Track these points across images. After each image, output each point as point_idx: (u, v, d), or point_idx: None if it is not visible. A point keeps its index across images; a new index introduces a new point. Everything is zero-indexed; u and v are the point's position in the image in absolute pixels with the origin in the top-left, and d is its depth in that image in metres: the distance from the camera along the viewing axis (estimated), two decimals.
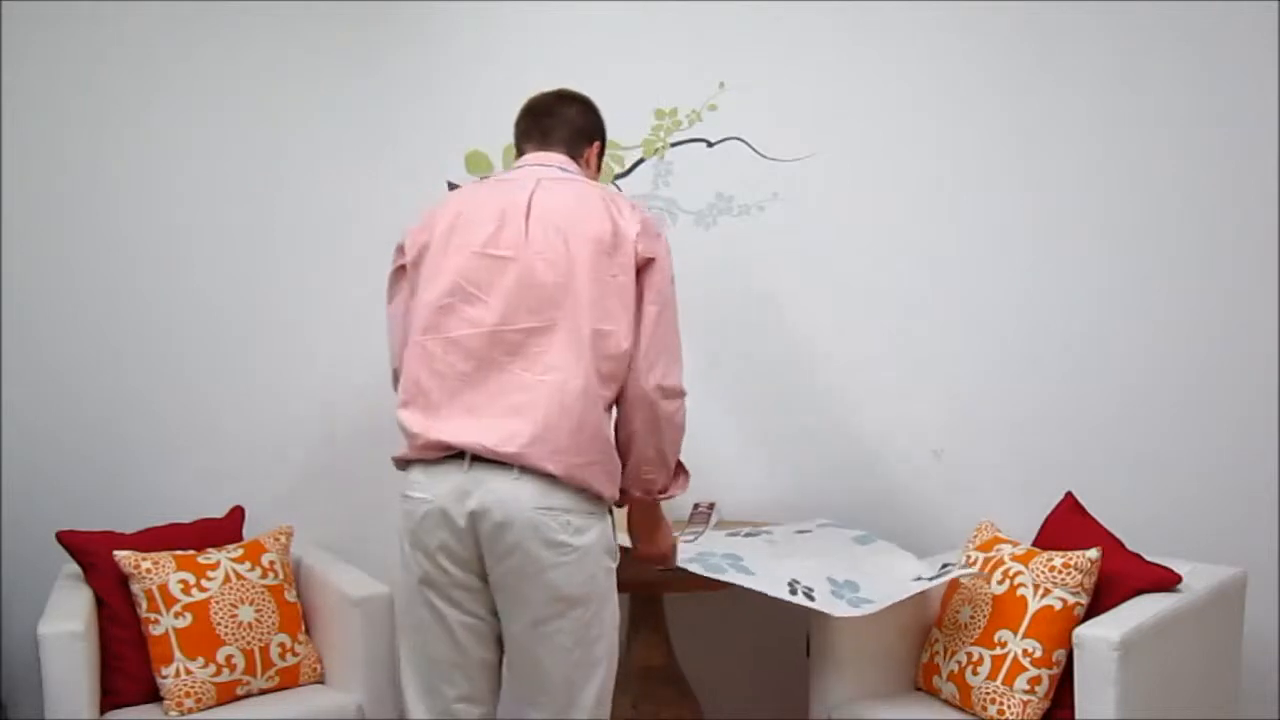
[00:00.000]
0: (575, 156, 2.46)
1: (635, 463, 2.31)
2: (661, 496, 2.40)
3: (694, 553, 2.60)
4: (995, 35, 3.16)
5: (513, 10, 3.31)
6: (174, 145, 3.25)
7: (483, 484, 2.15)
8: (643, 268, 2.26)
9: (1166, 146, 3.08)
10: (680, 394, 2.33)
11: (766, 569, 2.58)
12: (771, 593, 2.52)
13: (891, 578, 2.67)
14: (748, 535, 3.00)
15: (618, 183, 3.31)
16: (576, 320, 2.19)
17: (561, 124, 2.48)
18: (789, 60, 3.25)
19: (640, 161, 3.31)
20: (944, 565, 2.69)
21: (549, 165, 2.40)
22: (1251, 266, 3.04)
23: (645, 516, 2.44)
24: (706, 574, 2.50)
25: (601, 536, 2.22)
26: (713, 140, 3.28)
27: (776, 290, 3.29)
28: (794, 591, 2.52)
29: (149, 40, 3.23)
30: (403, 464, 2.29)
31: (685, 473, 2.44)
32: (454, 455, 2.19)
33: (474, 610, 2.24)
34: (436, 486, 2.19)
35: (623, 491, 2.35)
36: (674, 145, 3.29)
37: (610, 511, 2.29)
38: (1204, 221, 3.07)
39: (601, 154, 2.57)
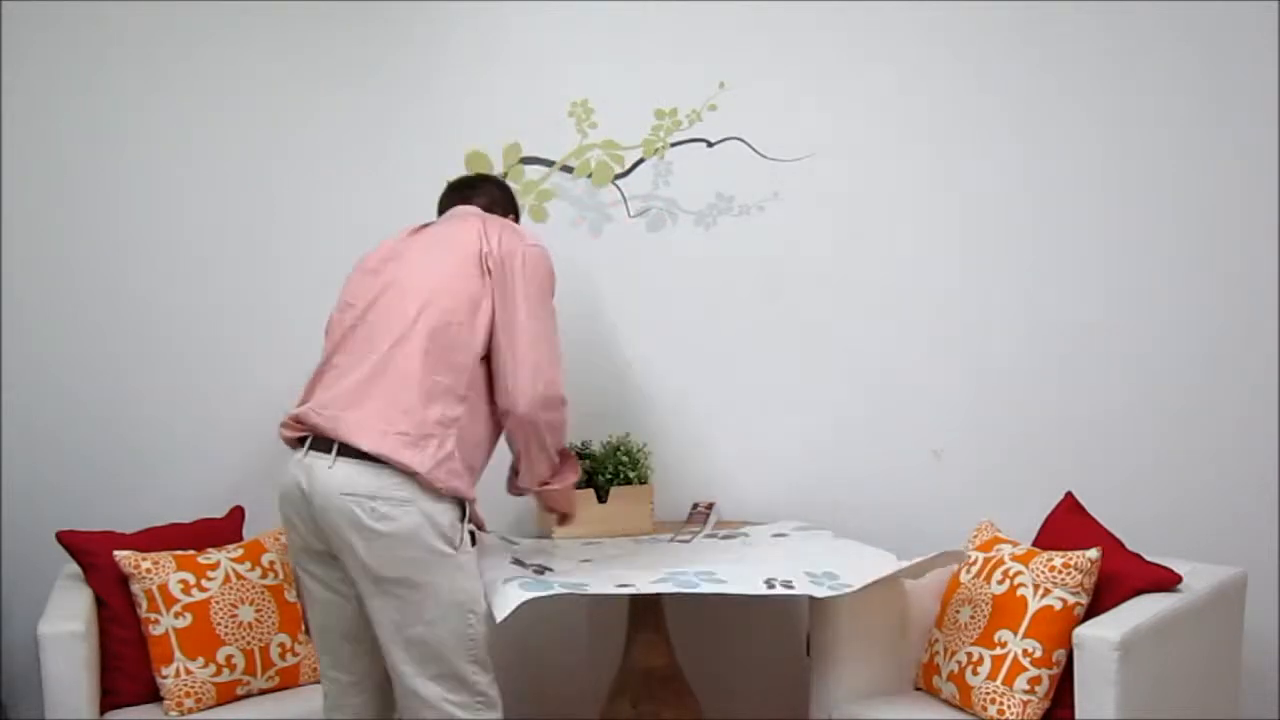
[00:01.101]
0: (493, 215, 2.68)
1: (527, 467, 2.53)
2: (549, 487, 2.59)
3: (665, 572, 2.57)
4: (995, 35, 3.16)
5: (512, 10, 3.31)
6: (174, 146, 3.25)
7: (310, 470, 2.35)
8: (499, 280, 2.43)
9: (1167, 147, 3.08)
10: (562, 402, 2.48)
11: (739, 574, 2.57)
12: (748, 591, 2.50)
13: (867, 563, 2.67)
14: (725, 537, 3.01)
15: (618, 183, 3.31)
16: (427, 313, 2.37)
17: (482, 193, 2.77)
18: (789, 60, 3.26)
19: (640, 161, 3.31)
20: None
21: (456, 214, 2.66)
22: (1252, 267, 3.04)
23: (548, 498, 2.68)
24: (679, 590, 2.48)
25: (420, 523, 2.30)
26: (713, 140, 3.29)
27: (776, 290, 3.29)
28: (772, 586, 2.51)
29: (149, 41, 3.23)
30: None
31: (572, 458, 2.65)
32: (299, 443, 2.41)
33: (331, 585, 2.43)
34: (285, 475, 2.43)
35: (519, 488, 2.61)
36: (674, 145, 3.30)
37: (460, 503, 2.37)
38: (1204, 222, 3.08)
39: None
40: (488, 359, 2.44)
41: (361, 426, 2.31)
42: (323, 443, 2.36)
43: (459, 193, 2.78)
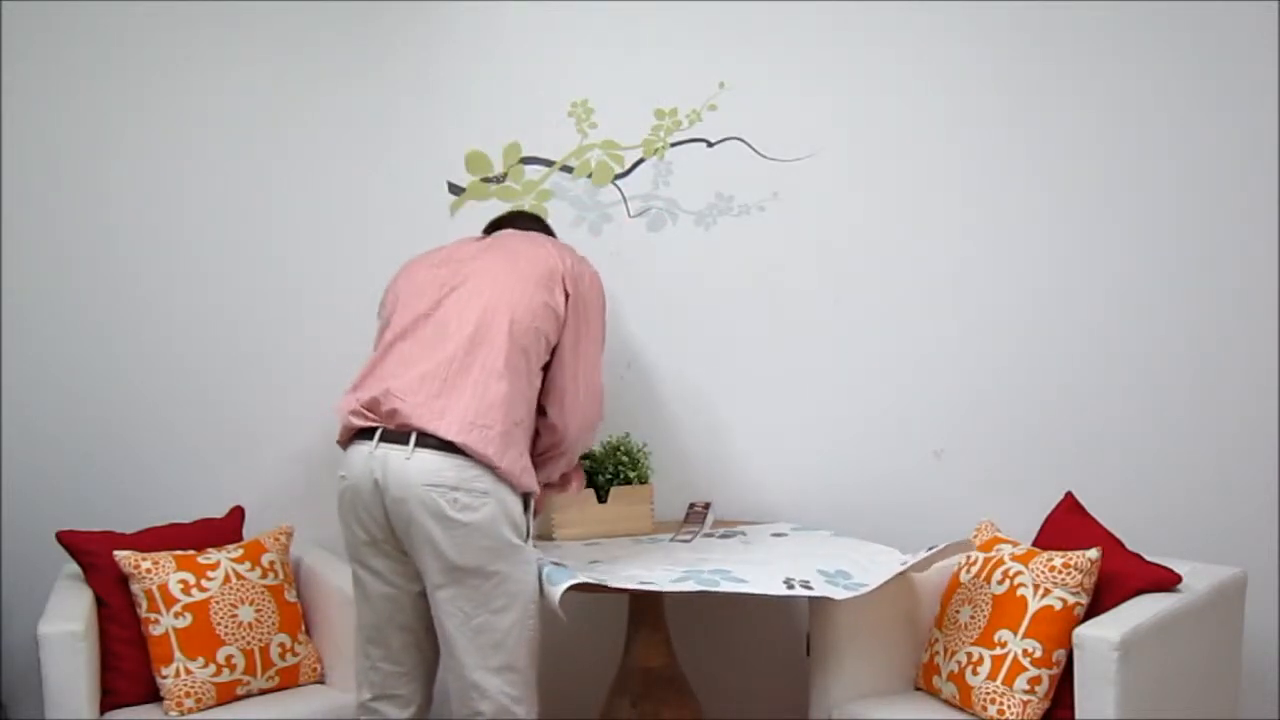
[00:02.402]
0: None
1: (545, 471, 2.66)
2: (552, 489, 2.79)
3: (681, 571, 2.58)
4: (996, 35, 3.16)
5: (512, 10, 3.31)
6: (173, 145, 3.25)
7: (384, 461, 2.40)
8: (574, 301, 2.57)
9: (1167, 148, 3.09)
10: (596, 426, 2.69)
11: (757, 574, 2.58)
12: (770, 592, 2.52)
13: (877, 562, 2.69)
14: (722, 536, 3.01)
15: (618, 183, 3.31)
16: (508, 317, 2.46)
17: (526, 221, 2.90)
18: (789, 60, 3.26)
19: (640, 161, 3.31)
20: (930, 548, 2.68)
21: (524, 233, 2.78)
22: (1252, 267, 3.05)
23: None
24: (701, 588, 2.49)
25: (498, 514, 2.40)
26: (713, 140, 3.28)
27: (776, 290, 3.29)
28: (791, 587, 2.53)
29: (149, 40, 3.23)
30: (342, 445, 2.56)
31: (579, 469, 2.85)
32: (366, 434, 2.46)
33: (392, 580, 2.51)
34: (352, 467, 2.47)
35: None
36: (674, 145, 3.29)
37: (525, 497, 2.49)
38: (1204, 222, 3.08)
39: None
40: (545, 367, 2.56)
41: (447, 416, 2.39)
42: (395, 435, 2.42)
43: (506, 219, 2.91)
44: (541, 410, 2.58)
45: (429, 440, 2.38)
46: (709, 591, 2.50)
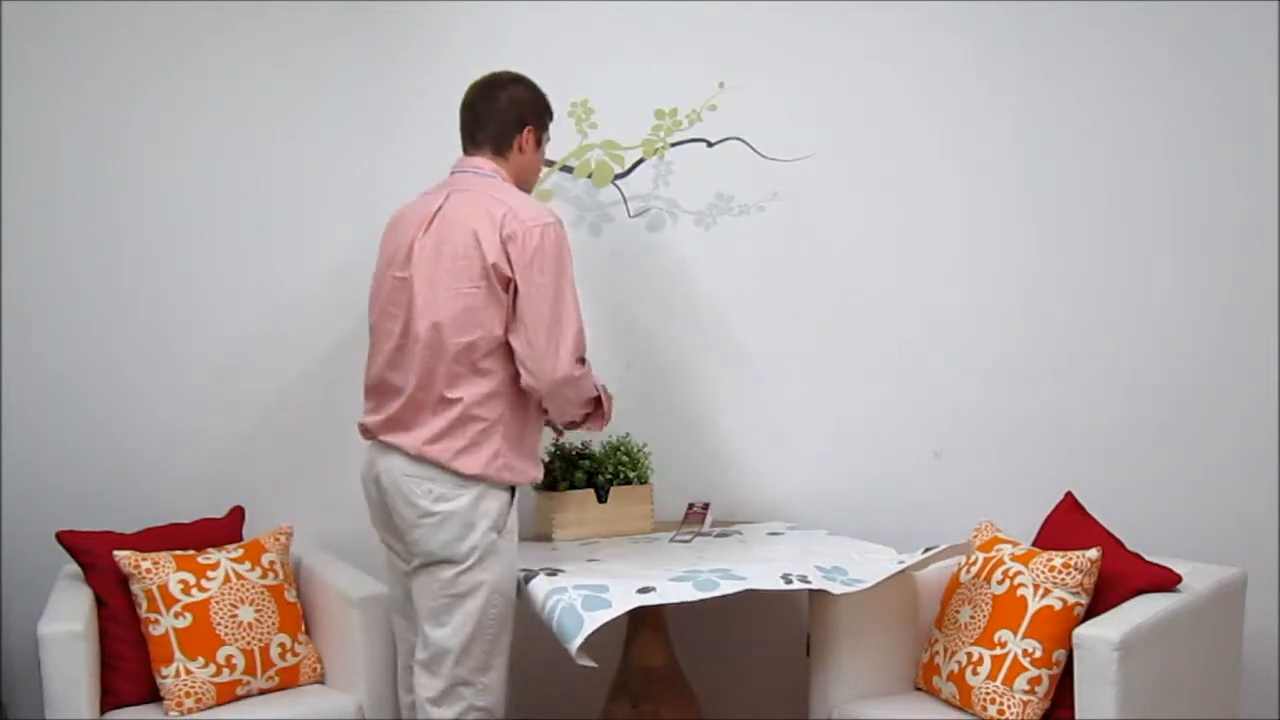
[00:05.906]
0: (503, 152, 2.68)
1: (555, 416, 2.67)
2: (576, 427, 2.73)
3: (681, 571, 2.59)
4: (995, 35, 3.16)
5: (513, 11, 3.31)
6: (173, 146, 3.25)
7: (378, 456, 2.60)
8: (512, 278, 2.49)
9: (1167, 148, 3.08)
10: (578, 375, 2.55)
11: (755, 570, 2.59)
12: (767, 586, 2.53)
13: (874, 561, 2.70)
14: (719, 535, 3.01)
15: (618, 183, 3.31)
16: (453, 334, 2.48)
17: (489, 118, 2.68)
18: (789, 60, 3.26)
19: (640, 161, 3.31)
20: (926, 549, 2.69)
21: (466, 172, 2.67)
22: (1251, 267, 3.04)
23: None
24: (701, 594, 2.49)
25: (471, 506, 2.49)
26: (713, 140, 3.29)
27: (776, 290, 3.29)
28: (789, 581, 2.54)
29: (149, 41, 3.23)
30: None
31: (601, 403, 2.69)
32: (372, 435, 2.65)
33: (400, 555, 2.61)
34: (364, 460, 2.67)
35: (550, 424, 2.78)
36: (674, 145, 3.29)
37: (512, 490, 2.54)
38: (1204, 222, 3.08)
39: (539, 133, 2.73)
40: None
41: (417, 443, 2.51)
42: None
43: (469, 120, 2.71)
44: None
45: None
46: (710, 597, 2.49)
